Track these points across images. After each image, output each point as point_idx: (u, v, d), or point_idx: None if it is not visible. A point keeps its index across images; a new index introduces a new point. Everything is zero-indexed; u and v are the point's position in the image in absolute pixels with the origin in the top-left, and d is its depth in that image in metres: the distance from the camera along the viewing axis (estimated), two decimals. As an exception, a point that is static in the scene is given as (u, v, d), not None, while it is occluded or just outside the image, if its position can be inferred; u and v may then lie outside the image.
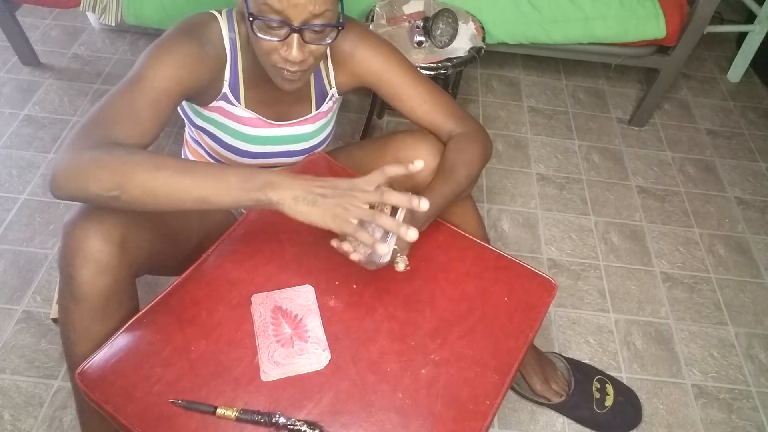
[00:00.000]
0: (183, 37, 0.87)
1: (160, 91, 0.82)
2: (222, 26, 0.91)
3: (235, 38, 0.92)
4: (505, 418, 1.26)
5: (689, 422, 1.30)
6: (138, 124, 0.80)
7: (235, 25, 0.92)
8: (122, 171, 0.71)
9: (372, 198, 0.71)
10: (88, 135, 0.76)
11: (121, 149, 0.74)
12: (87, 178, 0.71)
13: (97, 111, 0.79)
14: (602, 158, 1.91)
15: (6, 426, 1.16)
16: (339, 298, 0.86)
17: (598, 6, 1.72)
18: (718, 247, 1.68)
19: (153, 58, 0.84)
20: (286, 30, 0.80)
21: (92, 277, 0.77)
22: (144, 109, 0.80)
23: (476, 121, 1.02)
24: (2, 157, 1.65)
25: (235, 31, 0.92)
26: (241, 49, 0.93)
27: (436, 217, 0.94)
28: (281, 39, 0.81)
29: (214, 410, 0.72)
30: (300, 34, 0.81)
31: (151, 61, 0.83)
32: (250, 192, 0.72)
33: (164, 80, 0.83)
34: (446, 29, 1.52)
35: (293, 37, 0.81)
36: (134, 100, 0.80)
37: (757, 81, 2.30)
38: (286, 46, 0.82)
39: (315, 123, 1.04)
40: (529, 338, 0.85)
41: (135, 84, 0.82)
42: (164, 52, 0.84)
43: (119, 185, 0.70)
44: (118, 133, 0.77)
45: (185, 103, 1.00)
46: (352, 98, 1.98)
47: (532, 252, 1.60)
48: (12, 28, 1.83)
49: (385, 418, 0.75)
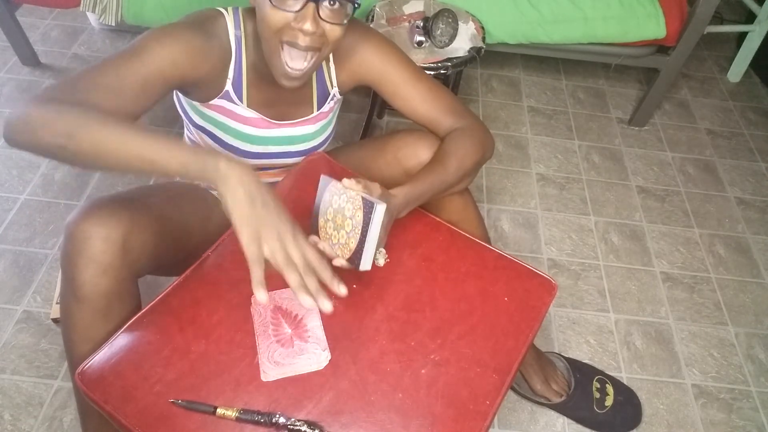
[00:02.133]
0: (189, 27, 0.86)
1: (153, 69, 0.80)
2: (228, 23, 0.91)
3: (241, 36, 0.92)
4: (505, 418, 1.26)
5: (689, 422, 1.30)
6: (119, 96, 0.77)
7: (242, 23, 0.92)
8: (75, 122, 0.69)
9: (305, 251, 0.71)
10: (61, 91, 0.74)
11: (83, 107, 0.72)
12: (41, 126, 0.69)
13: (80, 74, 0.76)
14: (602, 158, 1.91)
15: (6, 426, 1.16)
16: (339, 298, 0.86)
17: (598, 6, 1.72)
18: (718, 247, 1.68)
19: (153, 38, 0.82)
20: (303, 0, 0.80)
21: (94, 277, 0.77)
22: (131, 84, 0.78)
23: (477, 118, 1.02)
24: (2, 157, 1.65)
25: (242, 29, 0.92)
26: (246, 48, 0.93)
27: (418, 205, 0.93)
28: (297, 11, 0.80)
29: (214, 410, 0.72)
30: (317, 6, 0.80)
31: (150, 40, 0.82)
32: (199, 155, 0.70)
33: (160, 60, 0.81)
34: (446, 29, 1.52)
35: (309, 7, 0.80)
36: (122, 72, 0.78)
37: (757, 81, 2.30)
38: (301, 17, 0.81)
39: (316, 123, 1.04)
40: (529, 338, 0.85)
41: (128, 57, 0.80)
42: (166, 35, 0.83)
43: (68, 134, 0.69)
44: (94, 101, 0.75)
45: (185, 102, 1.00)
46: (352, 98, 1.98)
47: (532, 252, 1.60)
48: (12, 28, 1.83)
49: (385, 418, 0.75)
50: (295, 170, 1.04)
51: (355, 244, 0.78)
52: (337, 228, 0.82)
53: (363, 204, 0.78)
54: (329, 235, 0.83)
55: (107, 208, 0.80)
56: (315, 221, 0.87)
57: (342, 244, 0.81)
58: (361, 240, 0.77)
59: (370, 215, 0.76)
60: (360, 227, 0.78)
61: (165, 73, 0.82)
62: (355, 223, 0.78)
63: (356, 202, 0.79)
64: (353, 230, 0.79)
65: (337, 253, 0.81)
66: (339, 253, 0.81)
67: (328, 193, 0.84)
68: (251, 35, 0.93)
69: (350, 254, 0.79)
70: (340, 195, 0.82)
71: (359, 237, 0.78)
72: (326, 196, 0.85)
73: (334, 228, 0.82)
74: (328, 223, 0.84)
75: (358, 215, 0.78)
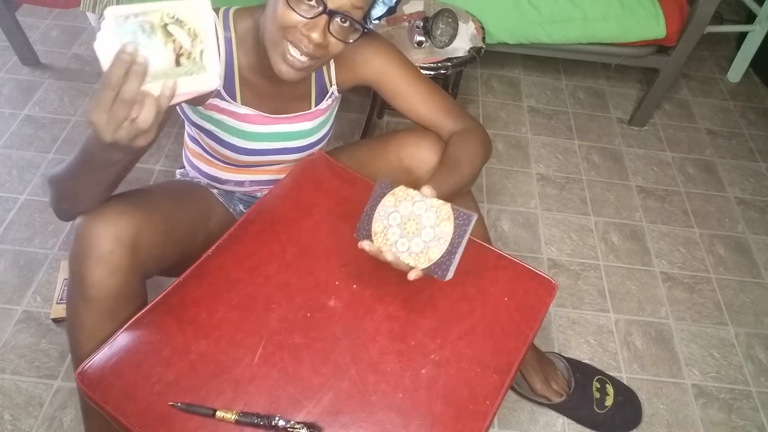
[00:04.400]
0: None
1: None
2: (217, 25, 0.91)
3: (231, 37, 0.93)
4: (505, 418, 1.26)
5: (689, 422, 1.30)
6: None
7: (231, 24, 0.93)
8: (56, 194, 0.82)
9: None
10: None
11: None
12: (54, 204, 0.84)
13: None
14: (602, 158, 1.91)
15: (6, 426, 1.16)
16: (339, 298, 0.86)
17: (598, 6, 1.72)
18: (718, 247, 1.68)
19: None
20: (318, 10, 0.80)
21: (103, 278, 0.77)
22: None
23: (476, 120, 1.03)
24: (2, 157, 1.65)
25: (231, 30, 0.93)
26: (237, 48, 0.93)
27: None
28: (309, 17, 0.81)
29: (214, 413, 0.72)
30: (329, 19, 0.80)
31: None
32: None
33: None
34: (446, 29, 1.52)
35: (322, 19, 0.80)
36: None
37: (757, 81, 2.30)
38: (311, 25, 0.81)
39: (314, 120, 1.04)
40: (529, 338, 0.85)
41: None
42: None
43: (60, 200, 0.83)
44: None
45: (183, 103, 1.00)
46: (352, 98, 1.98)
47: (532, 252, 1.60)
48: (12, 28, 1.83)
49: (385, 418, 0.75)
50: (295, 170, 1.04)
51: (439, 254, 0.77)
52: (407, 235, 0.79)
53: (455, 214, 0.77)
54: (390, 242, 0.80)
55: (117, 208, 0.80)
56: (366, 225, 0.84)
57: (417, 252, 0.78)
58: (449, 251, 0.76)
59: (465, 227, 0.76)
60: (449, 237, 0.77)
61: None
62: (440, 233, 0.77)
63: (443, 211, 0.77)
64: (435, 240, 0.77)
65: (407, 261, 0.79)
66: (411, 262, 0.79)
67: (392, 198, 0.82)
68: (243, 33, 0.93)
69: (429, 264, 0.78)
70: (413, 202, 0.80)
71: (447, 247, 0.77)
72: (388, 200, 0.82)
73: (401, 235, 0.80)
74: (390, 230, 0.81)
75: (445, 225, 0.77)
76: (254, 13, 0.93)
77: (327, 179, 1.02)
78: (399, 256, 0.79)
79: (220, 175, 1.10)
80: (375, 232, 0.82)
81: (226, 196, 1.14)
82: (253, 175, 1.10)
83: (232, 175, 1.09)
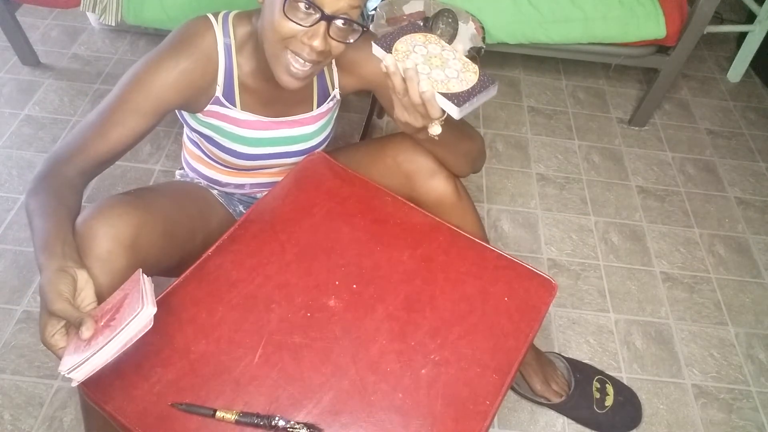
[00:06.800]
0: (172, 57, 0.88)
1: (140, 116, 0.87)
2: (217, 32, 0.91)
3: (230, 43, 0.92)
4: (505, 418, 1.26)
5: (689, 422, 1.30)
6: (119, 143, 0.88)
7: (230, 30, 0.92)
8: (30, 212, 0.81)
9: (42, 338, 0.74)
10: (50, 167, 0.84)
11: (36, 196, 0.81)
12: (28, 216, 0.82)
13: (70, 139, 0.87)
14: (602, 158, 1.91)
15: (6, 426, 1.16)
16: (339, 298, 0.86)
17: (598, 6, 1.72)
18: (718, 247, 1.68)
19: (137, 81, 0.87)
20: (316, 17, 0.79)
21: (101, 278, 0.77)
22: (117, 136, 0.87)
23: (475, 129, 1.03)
24: (2, 157, 1.65)
25: (231, 36, 0.92)
26: (237, 54, 0.93)
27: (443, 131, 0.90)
28: (308, 25, 0.80)
29: (214, 413, 0.72)
30: (328, 24, 0.80)
31: (136, 84, 0.87)
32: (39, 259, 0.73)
33: (149, 104, 0.87)
34: (446, 29, 1.52)
35: (321, 25, 0.80)
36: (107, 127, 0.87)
37: (757, 81, 2.30)
38: (311, 33, 0.81)
39: (315, 123, 1.04)
40: (529, 338, 0.85)
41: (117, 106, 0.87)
42: (152, 72, 0.87)
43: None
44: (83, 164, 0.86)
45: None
46: (352, 98, 1.98)
47: (532, 252, 1.60)
48: (12, 28, 1.83)
49: (385, 418, 0.75)
50: (295, 170, 1.04)
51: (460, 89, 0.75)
52: (429, 64, 0.77)
53: (481, 72, 0.77)
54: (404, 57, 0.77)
55: (117, 208, 0.80)
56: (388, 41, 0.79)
57: (436, 80, 0.76)
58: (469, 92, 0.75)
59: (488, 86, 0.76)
60: (471, 84, 0.76)
61: (157, 110, 0.89)
62: (463, 78, 0.76)
63: (471, 66, 0.77)
64: (458, 79, 0.76)
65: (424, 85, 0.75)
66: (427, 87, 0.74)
67: (422, 37, 0.79)
68: (243, 39, 0.93)
69: (447, 92, 0.75)
70: (443, 48, 0.79)
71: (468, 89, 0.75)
72: (418, 36, 0.79)
73: (423, 62, 0.77)
74: (412, 54, 0.77)
75: (469, 75, 0.77)
76: (253, 18, 0.93)
77: (327, 179, 1.02)
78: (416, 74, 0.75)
79: (220, 178, 1.10)
80: (396, 49, 0.77)
81: (226, 196, 1.14)
82: (253, 178, 1.10)
83: (233, 178, 1.09)
